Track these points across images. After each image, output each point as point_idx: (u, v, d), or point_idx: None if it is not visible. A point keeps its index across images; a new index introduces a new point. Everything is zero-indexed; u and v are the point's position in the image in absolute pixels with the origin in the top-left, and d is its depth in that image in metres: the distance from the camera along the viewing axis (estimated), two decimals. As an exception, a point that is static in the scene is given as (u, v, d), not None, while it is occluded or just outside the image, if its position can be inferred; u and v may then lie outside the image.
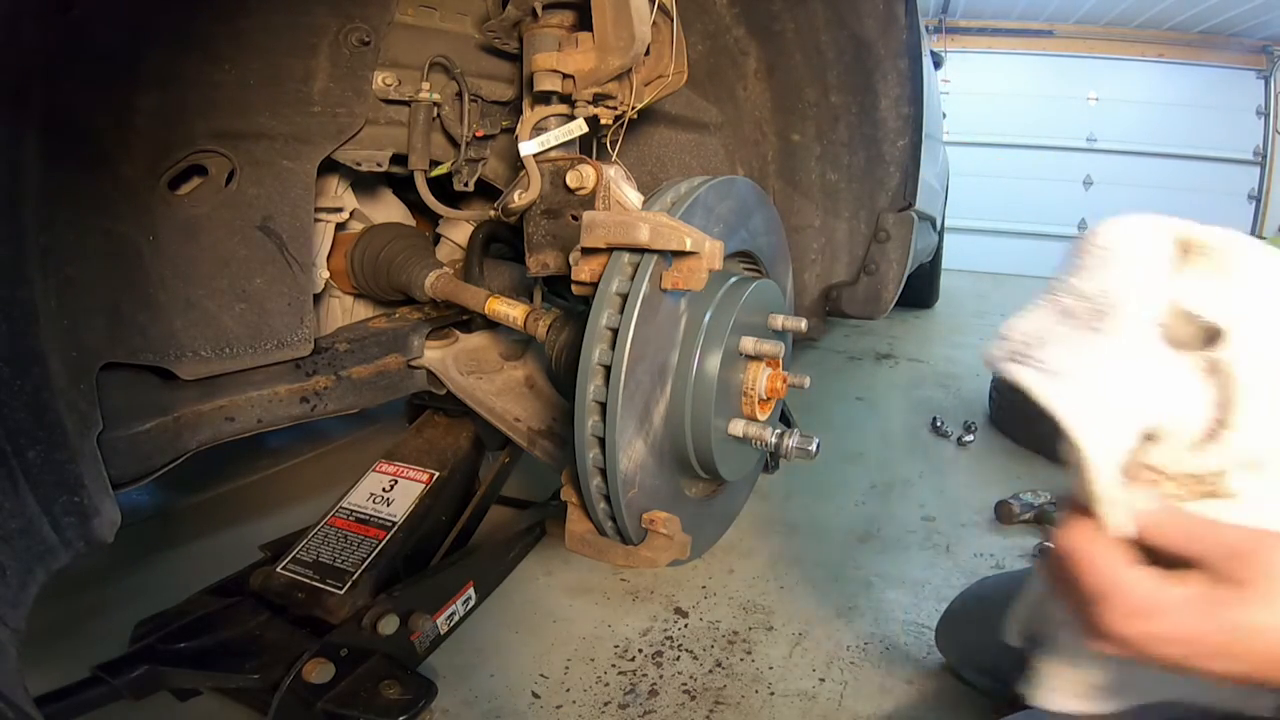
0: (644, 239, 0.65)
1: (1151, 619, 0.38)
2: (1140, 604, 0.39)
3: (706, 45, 1.12)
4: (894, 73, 1.05)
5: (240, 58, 0.79)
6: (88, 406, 0.67)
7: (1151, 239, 0.41)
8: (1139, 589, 0.39)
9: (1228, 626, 0.37)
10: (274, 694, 0.84)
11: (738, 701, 1.04)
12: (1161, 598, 0.38)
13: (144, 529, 1.45)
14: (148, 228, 0.76)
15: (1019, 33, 6.45)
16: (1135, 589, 0.39)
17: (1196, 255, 0.40)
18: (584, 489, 0.72)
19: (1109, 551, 0.40)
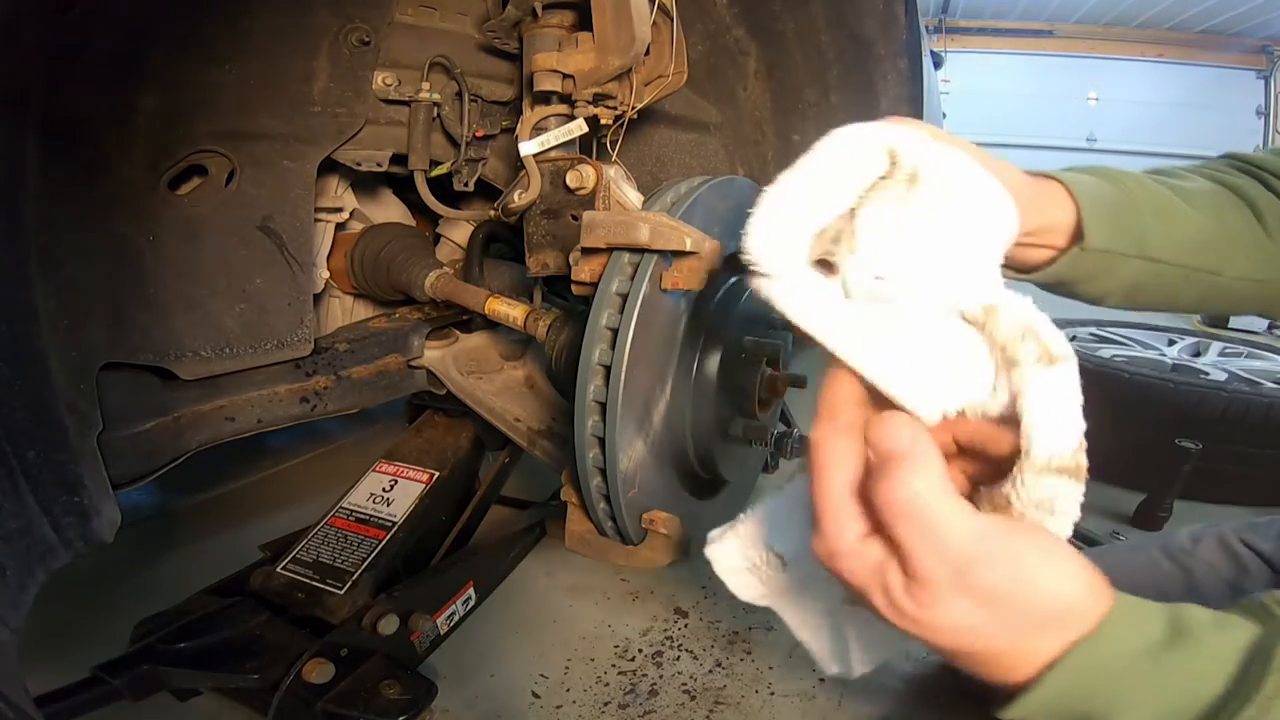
0: (644, 239, 0.65)
1: (838, 562, 0.37)
2: (836, 544, 0.37)
3: (706, 45, 1.11)
4: (894, 73, 1.05)
5: (241, 58, 0.79)
6: (88, 406, 0.67)
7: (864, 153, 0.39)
8: (840, 529, 0.37)
9: (896, 603, 0.36)
10: (274, 694, 0.84)
11: (738, 701, 1.04)
12: (853, 549, 0.36)
13: (144, 529, 1.44)
14: (148, 228, 0.76)
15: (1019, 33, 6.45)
16: (838, 527, 0.37)
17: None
18: (584, 489, 0.72)
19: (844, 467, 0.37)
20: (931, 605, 0.35)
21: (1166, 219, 0.60)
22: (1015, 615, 0.35)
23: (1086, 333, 2.38)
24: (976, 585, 0.34)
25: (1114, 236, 0.57)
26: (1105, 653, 0.35)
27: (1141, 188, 0.60)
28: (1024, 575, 0.35)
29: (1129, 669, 0.34)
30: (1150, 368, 1.95)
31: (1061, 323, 2.72)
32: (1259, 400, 1.75)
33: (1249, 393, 1.78)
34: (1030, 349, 0.35)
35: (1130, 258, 0.59)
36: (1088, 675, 0.35)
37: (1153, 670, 0.34)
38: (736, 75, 1.15)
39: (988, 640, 0.36)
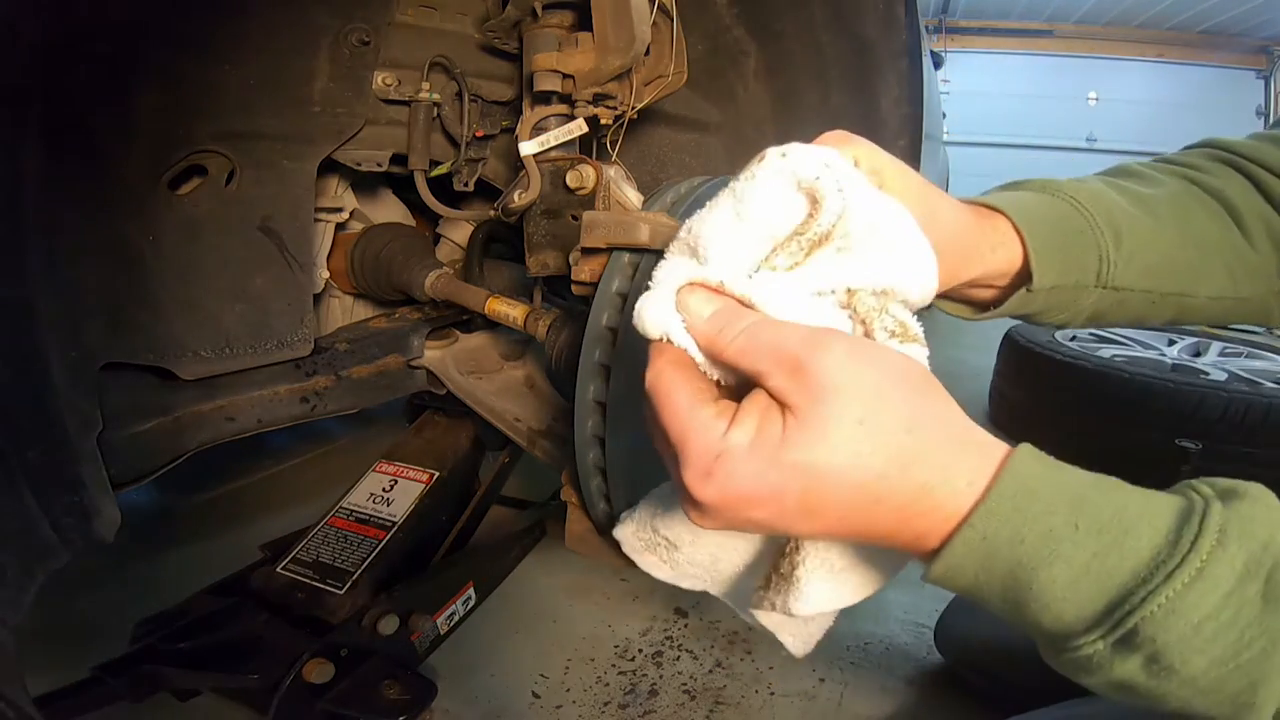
0: (644, 239, 0.65)
1: (720, 477, 0.31)
2: (709, 454, 0.31)
3: (706, 45, 1.11)
4: (894, 73, 1.05)
5: (241, 58, 0.79)
6: (88, 406, 0.67)
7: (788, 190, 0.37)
8: (708, 435, 0.31)
9: (794, 472, 0.30)
10: (274, 694, 0.84)
11: (738, 701, 1.04)
12: (726, 446, 0.31)
13: (144, 529, 1.44)
14: (148, 228, 0.76)
15: (1019, 33, 6.45)
16: (705, 435, 0.32)
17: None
18: (584, 489, 0.72)
19: (682, 386, 0.33)
20: (822, 430, 0.30)
21: (1127, 242, 0.54)
22: (930, 428, 0.31)
23: (1086, 333, 2.38)
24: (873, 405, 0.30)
25: (1066, 270, 0.52)
26: (1035, 480, 0.30)
27: (1100, 206, 0.54)
28: (905, 369, 0.32)
29: (1060, 502, 0.30)
30: (1150, 368, 1.95)
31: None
32: (1259, 400, 1.75)
33: (1249, 393, 1.78)
34: (887, 322, 0.36)
35: (1089, 289, 0.54)
36: (1021, 503, 0.30)
37: (1081, 509, 0.30)
38: (736, 75, 1.15)
39: (898, 469, 0.30)
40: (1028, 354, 2.08)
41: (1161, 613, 0.28)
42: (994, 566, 0.31)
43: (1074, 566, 0.29)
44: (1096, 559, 0.29)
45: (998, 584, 0.31)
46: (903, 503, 0.31)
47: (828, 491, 0.31)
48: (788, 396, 0.31)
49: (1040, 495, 0.30)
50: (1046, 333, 2.24)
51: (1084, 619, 0.30)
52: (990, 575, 0.31)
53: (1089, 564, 0.29)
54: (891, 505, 0.31)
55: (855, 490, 0.31)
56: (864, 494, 0.31)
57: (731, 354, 0.33)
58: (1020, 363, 2.11)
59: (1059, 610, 0.30)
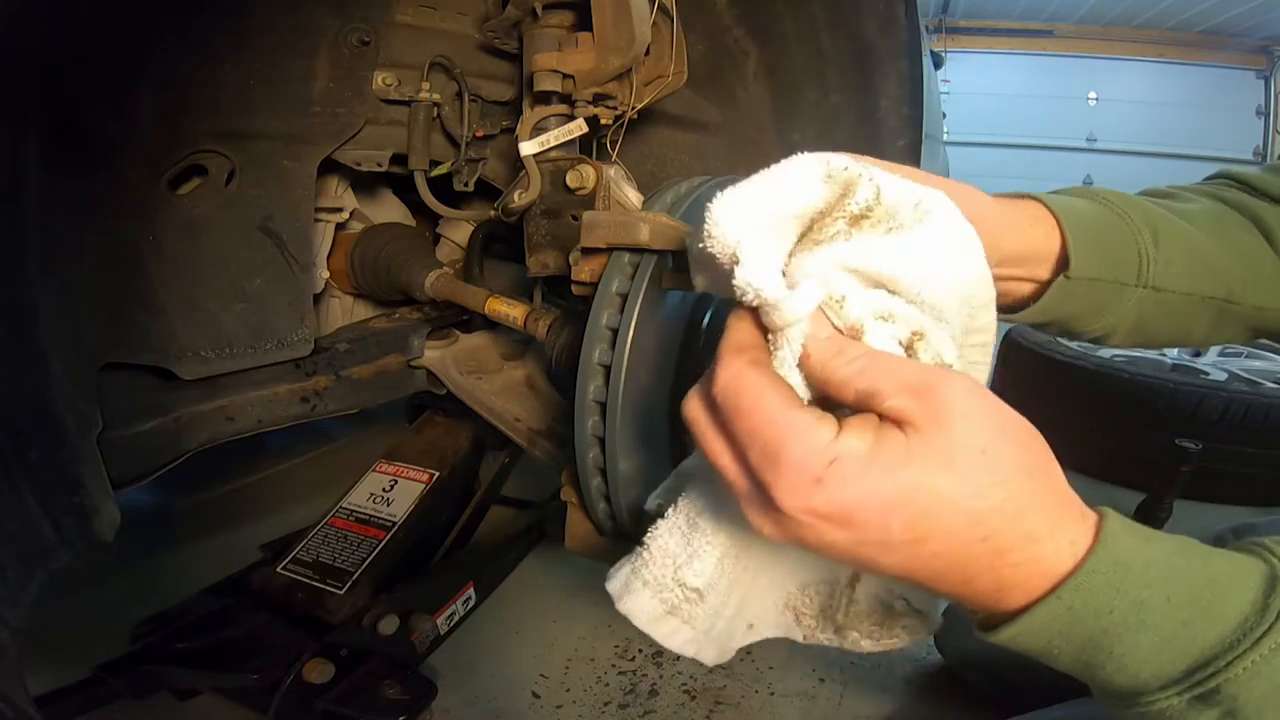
0: (644, 239, 0.65)
1: (832, 485, 0.29)
2: (820, 461, 0.29)
3: (706, 45, 1.11)
4: (894, 73, 1.05)
5: (241, 58, 0.79)
6: (88, 406, 0.67)
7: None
8: (816, 439, 0.29)
9: (915, 493, 0.29)
10: (274, 694, 0.84)
11: (738, 701, 1.04)
12: (840, 452, 0.29)
13: (144, 529, 1.44)
14: (148, 228, 0.76)
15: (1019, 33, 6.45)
16: (813, 439, 0.29)
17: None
18: (584, 489, 0.72)
19: (776, 388, 0.31)
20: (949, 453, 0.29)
21: (1165, 242, 0.52)
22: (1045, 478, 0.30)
23: (1086, 333, 2.38)
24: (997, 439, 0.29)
25: (1105, 264, 0.50)
26: (1129, 553, 0.30)
27: (1135, 208, 0.54)
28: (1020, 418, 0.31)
29: (1153, 576, 0.30)
30: (1150, 368, 1.95)
31: (1061, 323, 2.67)
32: (1259, 400, 1.75)
33: (1249, 393, 1.78)
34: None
35: (1130, 287, 0.52)
36: (1115, 578, 0.29)
37: (1173, 582, 0.30)
38: (736, 75, 1.15)
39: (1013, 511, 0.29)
40: (1028, 354, 2.07)
41: (1246, 675, 0.28)
42: (1074, 634, 0.31)
43: (1160, 634, 0.29)
44: (1185, 627, 0.29)
45: (1074, 648, 0.31)
46: (1005, 546, 0.30)
47: (942, 519, 0.29)
48: (911, 416, 0.30)
49: (1133, 569, 0.30)
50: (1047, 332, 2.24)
51: (1162, 678, 0.30)
52: (1068, 641, 0.31)
53: (1176, 632, 0.29)
54: (994, 546, 0.30)
55: (970, 522, 0.29)
56: (976, 529, 0.29)
57: (849, 372, 0.31)
58: (1020, 363, 2.11)
59: (1136, 671, 0.30)
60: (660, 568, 0.38)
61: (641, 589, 0.38)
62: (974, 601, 0.32)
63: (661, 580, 0.38)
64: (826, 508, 0.29)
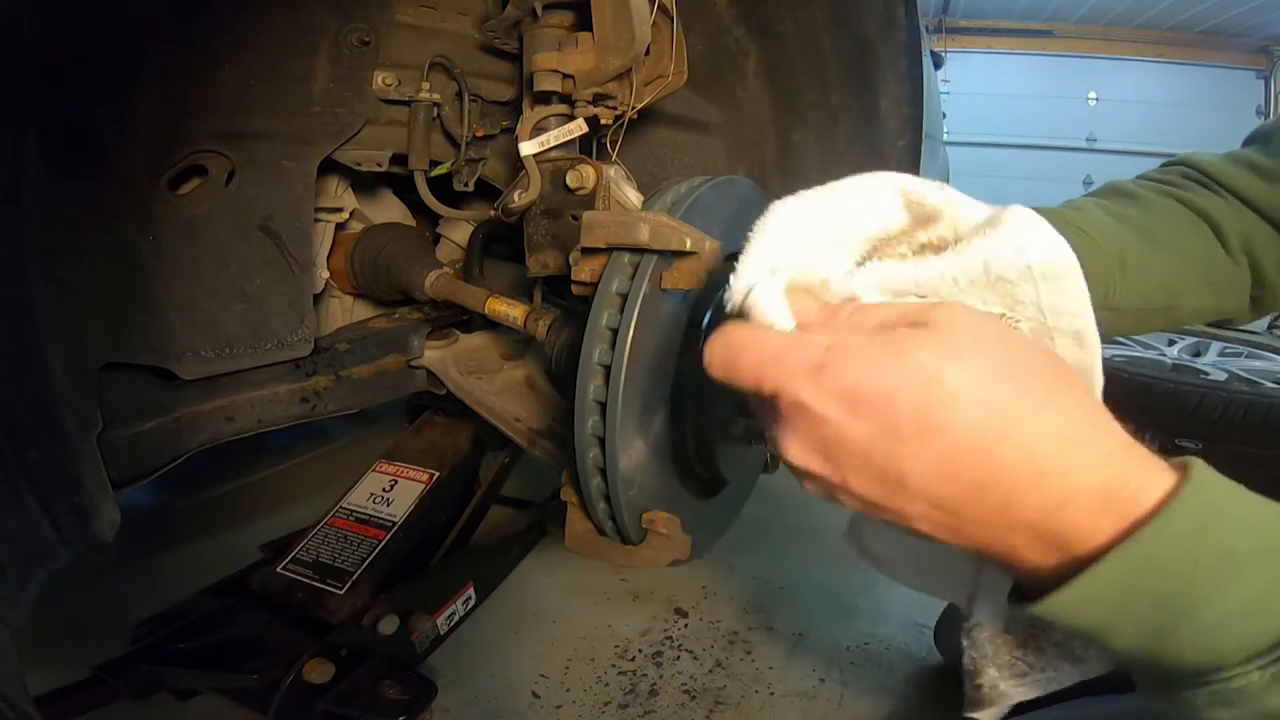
0: (644, 239, 0.65)
1: (832, 369, 0.28)
2: (818, 350, 0.29)
3: (706, 45, 1.11)
4: (894, 73, 1.05)
5: (240, 58, 0.79)
6: (88, 406, 0.67)
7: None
8: (813, 338, 0.30)
9: (917, 374, 0.26)
10: (274, 694, 0.84)
11: (738, 701, 1.04)
12: (839, 339, 0.29)
13: (144, 529, 1.44)
14: (148, 228, 0.76)
15: (1019, 33, 6.44)
16: (809, 339, 0.30)
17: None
18: (584, 489, 0.72)
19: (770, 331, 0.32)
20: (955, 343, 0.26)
21: (1132, 271, 0.58)
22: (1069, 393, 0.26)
23: (1086, 333, 2.38)
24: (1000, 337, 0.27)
25: None
26: (1220, 499, 0.26)
27: (1106, 236, 0.57)
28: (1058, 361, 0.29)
29: (1246, 524, 0.26)
30: (1150, 368, 1.95)
31: (1061, 323, 2.69)
32: (1259, 400, 1.75)
33: (1249, 393, 1.78)
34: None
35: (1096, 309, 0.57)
36: (1199, 527, 0.25)
37: (1264, 533, 0.26)
38: (736, 75, 1.15)
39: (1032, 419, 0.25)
40: (1028, 354, 2.07)
41: None
42: (1153, 591, 0.26)
43: (1252, 594, 0.25)
44: (1276, 585, 0.25)
45: (1145, 610, 0.26)
46: (1039, 444, 0.25)
47: (953, 405, 0.26)
48: (916, 318, 0.28)
49: (1226, 514, 0.26)
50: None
51: (1243, 649, 0.25)
52: (1142, 603, 0.26)
53: (1269, 590, 0.25)
54: (1027, 440, 0.25)
55: (987, 412, 0.25)
56: (998, 416, 0.25)
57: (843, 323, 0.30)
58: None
59: (1215, 640, 0.26)
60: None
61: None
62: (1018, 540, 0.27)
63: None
64: (834, 387, 0.28)
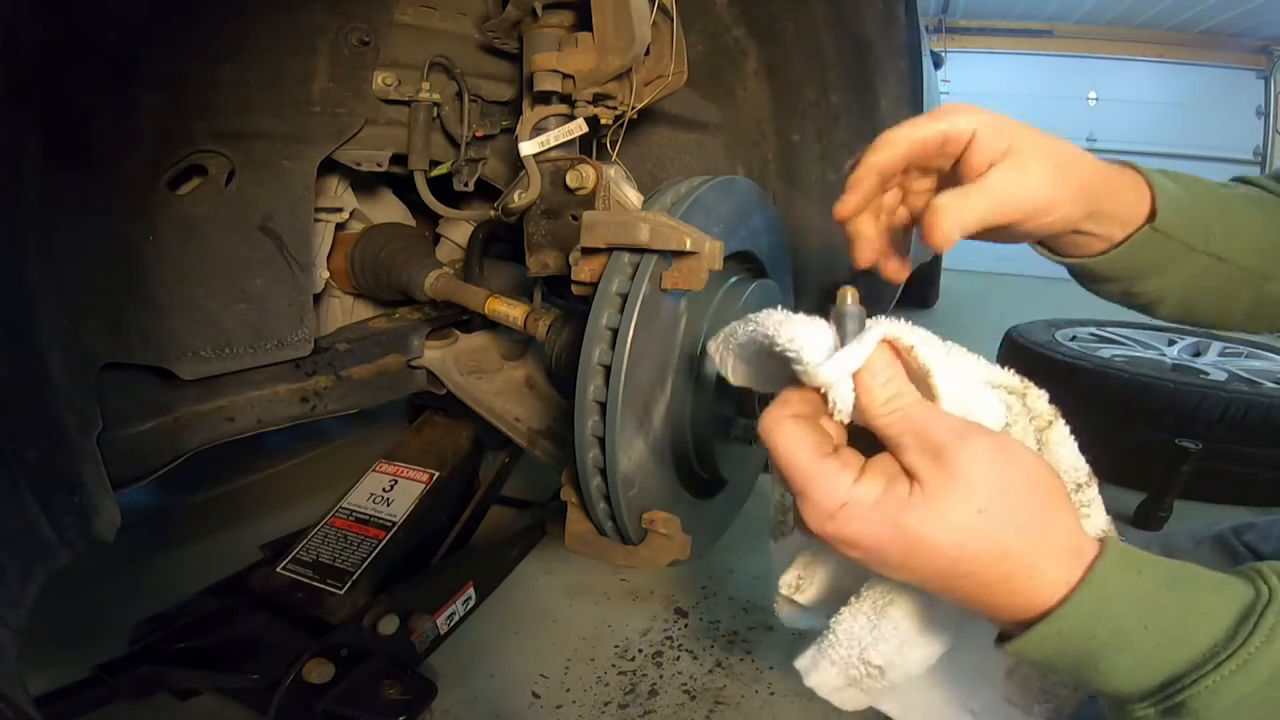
0: (644, 239, 0.65)
1: (840, 522, 0.36)
2: (833, 502, 0.36)
3: (706, 45, 1.11)
4: (894, 73, 1.05)
5: (240, 58, 0.79)
6: (88, 406, 0.67)
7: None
8: (835, 484, 0.36)
9: (904, 535, 0.35)
10: (274, 694, 0.84)
11: (738, 701, 1.04)
12: (850, 496, 0.36)
13: (144, 529, 1.44)
14: (148, 228, 0.76)
15: (1019, 33, 6.45)
16: (831, 484, 0.36)
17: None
18: (584, 489, 0.72)
19: (805, 439, 0.37)
20: (944, 510, 0.35)
21: (1229, 215, 0.58)
22: (1037, 534, 0.35)
23: (1086, 333, 2.38)
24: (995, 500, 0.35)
25: (1183, 226, 0.56)
26: (1114, 588, 0.35)
27: (1201, 185, 0.59)
28: (1038, 477, 0.36)
29: (1132, 608, 0.34)
30: (1150, 368, 1.95)
31: (1061, 322, 2.69)
32: (1259, 400, 1.75)
33: (1249, 393, 1.78)
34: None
35: (1196, 253, 0.57)
36: (1097, 610, 0.34)
37: (1151, 613, 0.34)
38: (736, 75, 1.15)
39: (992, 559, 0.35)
40: (1028, 354, 2.07)
41: (1208, 693, 0.32)
42: (1066, 651, 0.35)
43: (1137, 656, 0.34)
44: (1159, 650, 0.34)
45: (1069, 663, 0.36)
46: (986, 582, 0.36)
47: (928, 558, 0.36)
48: (921, 474, 0.36)
49: (1115, 601, 0.34)
50: (1046, 332, 2.23)
51: (1140, 691, 0.35)
52: (1062, 658, 0.36)
53: (1151, 654, 0.34)
54: (977, 581, 0.36)
55: (951, 564, 0.35)
56: (957, 567, 0.35)
57: (883, 422, 0.37)
58: (1020, 363, 2.10)
59: (1119, 684, 0.35)
60: (848, 650, 0.43)
61: (825, 666, 0.44)
62: (982, 615, 0.38)
63: (848, 661, 0.44)
64: (838, 536, 0.37)
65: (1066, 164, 0.50)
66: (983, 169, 0.48)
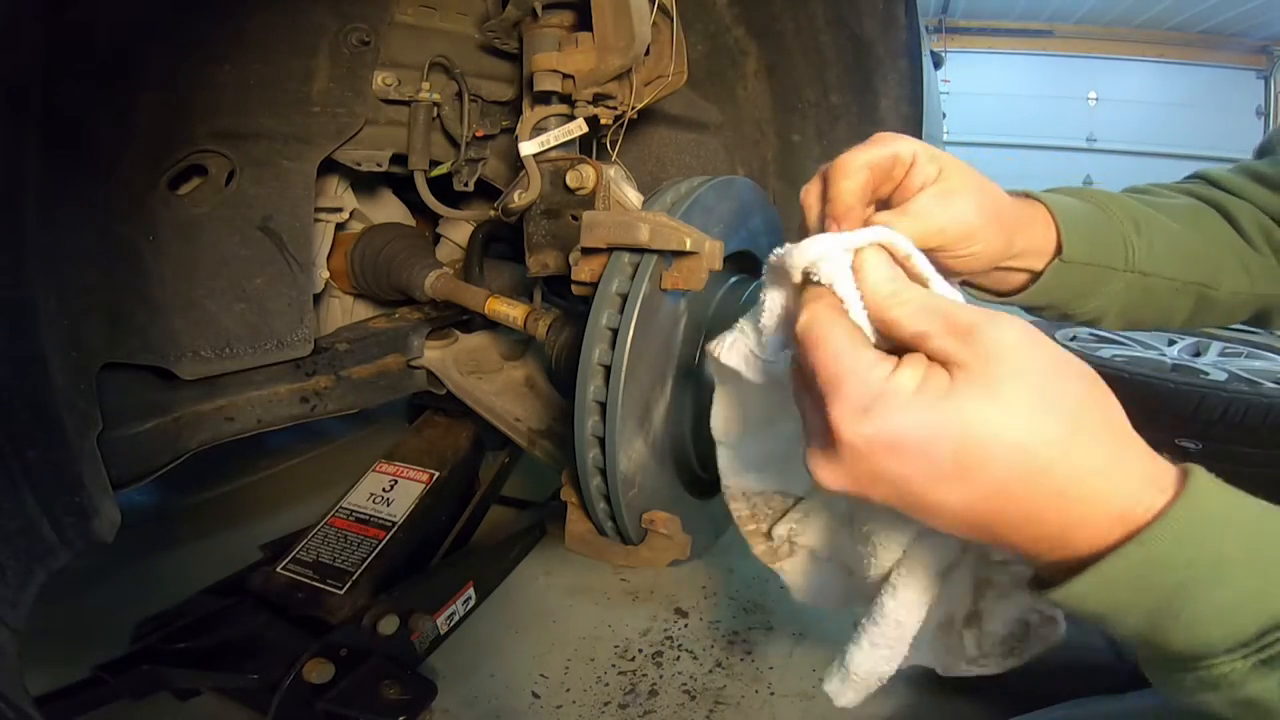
0: (644, 239, 0.65)
1: (877, 416, 0.30)
2: (869, 393, 0.31)
3: (706, 45, 1.11)
4: (894, 73, 1.05)
5: (240, 58, 0.79)
6: (88, 406, 0.67)
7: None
8: (871, 374, 0.31)
9: (957, 424, 0.29)
10: (274, 694, 0.84)
11: (738, 701, 1.04)
12: (890, 386, 0.31)
13: (144, 529, 1.44)
14: (148, 228, 0.76)
15: (1019, 33, 6.45)
16: (867, 374, 0.31)
17: None
18: (584, 489, 0.72)
19: (847, 331, 0.34)
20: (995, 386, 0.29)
21: (1147, 231, 0.60)
22: (1105, 418, 0.31)
23: (1087, 333, 2.38)
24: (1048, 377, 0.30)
25: (1095, 250, 0.58)
26: (1216, 507, 0.30)
27: (1117, 204, 0.61)
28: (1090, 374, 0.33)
29: (1237, 533, 0.30)
30: (1150, 368, 1.95)
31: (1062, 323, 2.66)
32: (1259, 400, 1.75)
33: (1249, 393, 1.78)
34: None
35: (1119, 272, 0.59)
36: (1197, 532, 0.29)
37: (1260, 540, 0.29)
38: (736, 75, 1.15)
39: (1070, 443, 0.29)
40: (1028, 354, 2.07)
41: None
42: (1149, 588, 0.29)
43: (1239, 593, 0.29)
44: (1264, 587, 0.29)
45: (1147, 604, 0.30)
46: (1065, 480, 0.29)
47: (990, 450, 0.29)
48: (956, 356, 0.31)
49: (1218, 520, 0.29)
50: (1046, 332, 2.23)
51: (1230, 640, 0.29)
52: (1141, 596, 0.30)
53: (1255, 592, 0.29)
54: (1052, 481, 0.29)
55: (1020, 454, 0.29)
56: (1028, 461, 0.29)
57: (900, 313, 0.33)
58: (1020, 363, 2.11)
59: (1204, 631, 0.29)
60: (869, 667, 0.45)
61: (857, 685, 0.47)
62: (1039, 548, 0.31)
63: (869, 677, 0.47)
64: (875, 434, 0.30)
65: (987, 194, 0.50)
66: (915, 192, 0.47)
